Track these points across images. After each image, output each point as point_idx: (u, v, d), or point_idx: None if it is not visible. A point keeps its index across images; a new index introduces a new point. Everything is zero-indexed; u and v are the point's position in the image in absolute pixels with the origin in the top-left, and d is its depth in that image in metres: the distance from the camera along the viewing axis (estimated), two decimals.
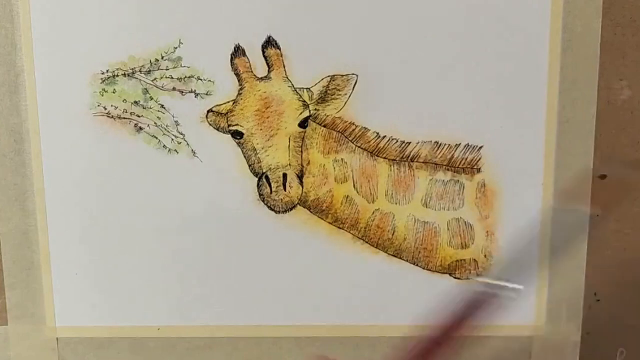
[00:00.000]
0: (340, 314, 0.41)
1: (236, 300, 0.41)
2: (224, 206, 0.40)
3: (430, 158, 0.39)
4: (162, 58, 0.39)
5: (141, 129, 0.40)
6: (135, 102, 0.39)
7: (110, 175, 0.40)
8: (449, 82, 0.39)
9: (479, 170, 0.40)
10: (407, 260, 0.41)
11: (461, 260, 0.41)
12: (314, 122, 0.40)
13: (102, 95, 0.39)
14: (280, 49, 0.38)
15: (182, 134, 0.40)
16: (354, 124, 0.39)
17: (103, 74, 0.39)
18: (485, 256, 0.40)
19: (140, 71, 0.39)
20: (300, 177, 0.40)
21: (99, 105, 0.39)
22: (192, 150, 0.40)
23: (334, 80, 0.39)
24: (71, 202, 0.40)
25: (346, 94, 0.39)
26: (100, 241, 0.41)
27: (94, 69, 0.39)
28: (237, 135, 0.39)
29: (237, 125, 0.39)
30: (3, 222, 0.41)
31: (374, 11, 0.38)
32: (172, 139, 0.40)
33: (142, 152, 0.40)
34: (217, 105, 0.39)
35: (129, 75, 0.39)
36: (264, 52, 0.39)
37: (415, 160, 0.40)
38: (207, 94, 0.39)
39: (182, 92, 0.39)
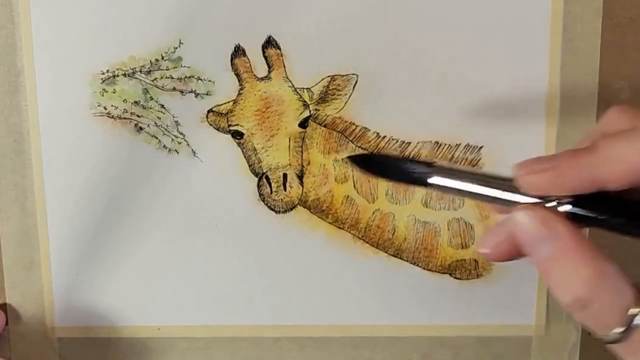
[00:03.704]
0: (340, 314, 0.41)
1: (236, 300, 0.41)
2: (224, 206, 0.40)
3: (430, 158, 0.39)
4: (162, 58, 0.39)
5: (141, 129, 0.40)
6: (135, 102, 0.39)
7: (110, 175, 0.40)
8: (449, 82, 0.39)
9: None
10: (407, 260, 0.41)
11: (461, 260, 0.41)
12: (314, 122, 0.40)
13: (102, 95, 0.39)
14: (280, 49, 0.38)
15: (182, 134, 0.40)
16: (354, 123, 0.39)
17: (103, 74, 0.39)
18: None
19: (140, 71, 0.39)
20: (300, 177, 0.40)
21: (99, 105, 0.39)
22: (192, 150, 0.40)
23: (334, 80, 0.39)
24: (71, 202, 0.40)
25: (346, 94, 0.39)
26: (100, 241, 0.41)
27: (94, 69, 0.39)
28: (237, 135, 0.40)
29: (237, 125, 0.39)
30: (3, 222, 0.41)
31: (374, 11, 0.38)
32: (172, 139, 0.40)
33: (142, 152, 0.40)
34: (217, 105, 0.39)
35: (129, 75, 0.39)
36: (264, 52, 0.39)
37: None
38: (207, 94, 0.39)
39: (182, 92, 0.39)
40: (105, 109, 0.39)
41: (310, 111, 0.39)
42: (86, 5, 0.38)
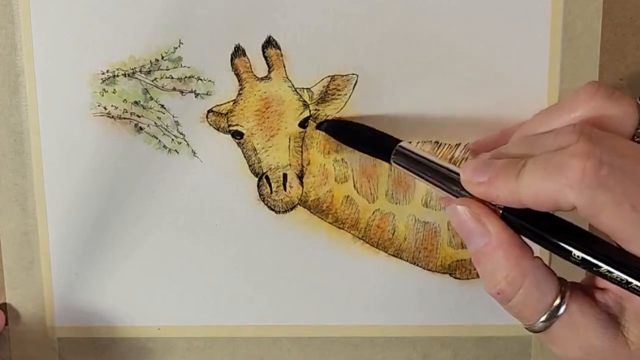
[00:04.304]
0: (340, 314, 0.41)
1: (236, 300, 0.41)
2: (224, 206, 0.40)
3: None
4: (162, 58, 0.39)
5: (141, 129, 0.40)
6: (135, 102, 0.39)
7: (110, 175, 0.40)
8: (449, 82, 0.39)
9: None
10: (407, 260, 0.41)
11: (461, 260, 0.41)
12: (314, 122, 0.40)
13: (102, 95, 0.39)
14: (280, 49, 0.39)
15: (182, 134, 0.40)
16: None
17: (103, 74, 0.39)
18: None
19: (140, 71, 0.39)
20: (300, 177, 0.40)
21: (99, 105, 0.39)
22: (192, 150, 0.40)
23: (334, 80, 0.39)
24: (71, 202, 0.40)
25: (346, 94, 0.39)
26: (100, 241, 0.41)
27: (94, 69, 0.39)
28: (237, 135, 0.40)
29: (237, 125, 0.39)
30: (3, 222, 0.41)
31: (374, 11, 0.38)
32: (172, 139, 0.40)
33: (142, 152, 0.40)
34: (217, 105, 0.39)
35: (129, 75, 0.39)
36: (263, 52, 0.39)
37: None
38: (207, 94, 0.39)
39: (182, 92, 0.39)
40: (105, 109, 0.39)
41: (310, 111, 0.39)
42: (86, 5, 0.38)
